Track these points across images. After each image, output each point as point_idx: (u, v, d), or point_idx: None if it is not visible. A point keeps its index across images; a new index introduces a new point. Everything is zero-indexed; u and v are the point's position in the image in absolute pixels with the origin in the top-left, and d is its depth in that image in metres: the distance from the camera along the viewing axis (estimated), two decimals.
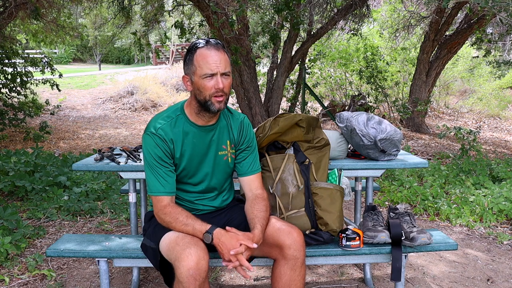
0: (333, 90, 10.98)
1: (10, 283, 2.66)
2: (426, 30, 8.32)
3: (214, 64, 1.80)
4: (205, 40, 1.85)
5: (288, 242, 1.86)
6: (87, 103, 11.59)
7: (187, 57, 1.87)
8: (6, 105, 7.53)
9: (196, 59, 1.82)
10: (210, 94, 1.82)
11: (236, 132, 2.03)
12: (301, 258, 1.88)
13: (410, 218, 2.29)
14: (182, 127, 1.92)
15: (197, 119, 1.93)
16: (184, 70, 1.90)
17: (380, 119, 2.55)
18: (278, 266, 1.91)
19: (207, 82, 1.81)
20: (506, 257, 3.18)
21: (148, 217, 2.11)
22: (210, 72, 1.80)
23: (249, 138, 2.06)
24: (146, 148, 1.90)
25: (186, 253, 1.70)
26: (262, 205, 1.95)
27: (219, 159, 2.00)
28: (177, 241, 1.78)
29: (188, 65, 1.86)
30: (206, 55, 1.80)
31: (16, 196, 4.22)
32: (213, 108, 1.85)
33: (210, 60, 1.80)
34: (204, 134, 1.95)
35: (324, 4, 6.90)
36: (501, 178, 4.69)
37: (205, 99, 1.84)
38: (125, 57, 27.09)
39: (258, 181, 2.05)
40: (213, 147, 1.98)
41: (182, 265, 1.68)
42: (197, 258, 1.69)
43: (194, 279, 1.67)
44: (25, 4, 5.74)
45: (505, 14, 4.21)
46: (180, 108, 1.96)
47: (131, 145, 4.00)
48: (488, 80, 11.84)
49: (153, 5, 7.29)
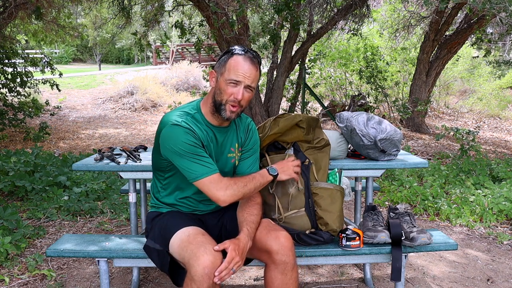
0: (333, 90, 10.98)
1: (10, 283, 2.66)
2: (426, 30, 8.32)
3: (242, 74, 1.84)
4: (246, 49, 1.88)
5: (276, 247, 1.86)
6: (87, 103, 11.59)
7: (223, 56, 1.90)
8: (6, 105, 7.53)
9: (229, 62, 1.85)
10: (227, 100, 1.85)
11: (243, 135, 2.06)
12: (290, 263, 1.87)
13: (410, 218, 2.29)
14: (200, 124, 1.93)
15: (212, 119, 1.94)
16: (215, 66, 1.92)
17: (380, 119, 2.55)
18: (269, 271, 1.92)
19: (229, 88, 1.84)
20: (506, 257, 3.18)
21: (150, 217, 2.09)
22: (236, 79, 1.83)
23: (254, 141, 2.08)
24: (176, 139, 1.82)
25: (201, 251, 1.70)
26: (253, 209, 1.96)
27: (228, 161, 2.02)
28: (190, 240, 1.78)
29: (221, 64, 1.88)
30: (239, 62, 1.84)
31: (16, 196, 4.22)
32: (224, 114, 1.87)
33: (241, 69, 1.84)
34: (218, 135, 1.97)
35: (324, 4, 6.90)
36: (501, 178, 4.69)
37: (221, 102, 1.86)
38: (125, 57, 27.09)
39: None
40: (224, 148, 2.00)
41: (197, 264, 1.68)
42: (213, 257, 1.70)
43: (208, 278, 1.68)
44: (25, 4, 5.74)
45: (505, 14, 4.21)
46: (196, 106, 1.96)
47: (131, 145, 4.00)
48: (488, 80, 11.84)
49: (153, 5, 7.29)
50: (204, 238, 1.78)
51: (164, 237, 1.91)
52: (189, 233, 1.82)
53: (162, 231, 1.94)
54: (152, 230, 2.03)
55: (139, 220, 3.07)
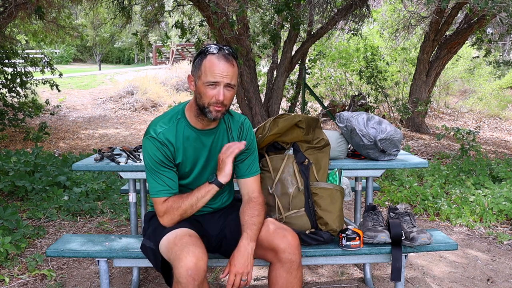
0: (333, 90, 10.98)
1: (10, 283, 2.66)
2: (426, 30, 8.32)
3: (219, 75, 1.78)
4: (218, 47, 1.82)
5: (283, 245, 1.86)
6: (87, 103, 11.59)
7: (196, 59, 1.85)
8: (6, 105, 7.53)
9: (204, 64, 1.80)
10: (210, 103, 1.81)
11: (236, 135, 2.00)
12: (296, 261, 1.87)
13: (410, 218, 2.29)
14: (183, 131, 1.91)
15: (196, 122, 1.91)
16: (191, 70, 1.88)
17: (380, 119, 2.55)
18: (274, 269, 1.91)
19: (209, 90, 1.79)
20: (506, 257, 3.18)
21: (148, 217, 2.10)
22: (214, 81, 1.78)
23: (249, 140, 2.02)
24: (146, 152, 1.88)
25: (185, 253, 1.70)
26: (255, 210, 1.93)
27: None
28: (175, 242, 1.77)
29: (196, 67, 1.83)
30: (214, 63, 1.78)
31: (16, 196, 4.22)
32: (210, 115, 1.83)
33: (217, 69, 1.77)
34: (205, 138, 1.94)
35: (324, 4, 6.90)
36: (501, 178, 4.69)
37: (204, 105, 1.82)
38: (125, 57, 27.09)
39: (255, 184, 2.02)
40: (214, 150, 1.97)
41: (180, 265, 1.68)
42: (195, 259, 1.69)
43: (192, 279, 1.67)
44: (25, 4, 5.74)
45: (505, 14, 4.21)
46: (181, 111, 1.94)
47: (131, 145, 4.00)
48: (488, 80, 11.84)
49: (153, 5, 7.29)
50: (189, 239, 1.77)
51: (156, 237, 1.92)
52: (176, 234, 1.82)
53: (156, 231, 1.95)
54: (148, 230, 2.04)
55: (139, 220, 3.07)
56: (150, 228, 2.02)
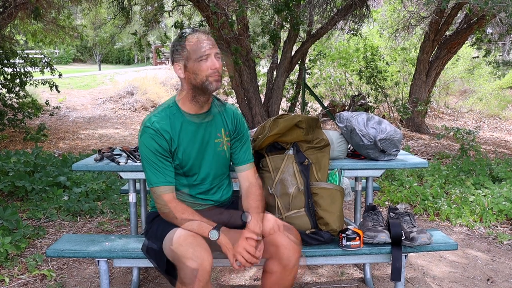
0: (333, 90, 10.98)
1: (10, 283, 2.66)
2: (426, 30, 8.32)
3: (207, 46, 1.86)
4: (191, 28, 1.93)
5: (285, 242, 1.87)
6: (87, 103, 11.60)
7: (176, 46, 1.91)
8: (6, 106, 7.52)
9: (188, 45, 1.87)
10: (207, 75, 1.86)
11: (230, 122, 2.06)
12: (294, 260, 1.89)
13: (410, 218, 2.29)
14: (176, 118, 1.94)
15: (190, 107, 1.95)
16: (174, 59, 1.93)
17: (380, 119, 2.55)
18: (270, 263, 1.92)
19: (202, 64, 1.86)
20: (506, 257, 3.18)
21: (150, 218, 2.09)
22: (205, 53, 1.85)
23: (243, 127, 2.10)
24: (142, 143, 1.90)
25: (190, 253, 1.70)
26: (258, 194, 2.00)
27: (215, 147, 2.01)
28: (180, 242, 1.77)
29: (179, 52, 1.89)
30: (198, 39, 1.87)
31: (16, 196, 4.22)
32: (211, 87, 1.88)
33: (203, 43, 1.87)
34: (199, 122, 1.97)
35: (324, 4, 6.90)
36: (501, 178, 4.69)
37: (202, 80, 1.87)
38: (125, 58, 27.10)
39: (253, 170, 2.10)
40: (208, 134, 1.99)
41: (186, 266, 1.68)
42: (200, 260, 1.69)
43: (198, 280, 1.67)
44: (25, 5, 5.74)
45: (505, 14, 4.21)
46: (172, 102, 1.99)
47: (131, 145, 3.99)
48: (488, 80, 11.84)
49: (153, 5, 7.29)
50: (194, 240, 1.77)
51: (160, 237, 1.92)
52: (180, 234, 1.81)
53: (159, 231, 1.95)
54: (150, 230, 2.03)
55: (139, 220, 3.07)
56: (153, 229, 2.01)
